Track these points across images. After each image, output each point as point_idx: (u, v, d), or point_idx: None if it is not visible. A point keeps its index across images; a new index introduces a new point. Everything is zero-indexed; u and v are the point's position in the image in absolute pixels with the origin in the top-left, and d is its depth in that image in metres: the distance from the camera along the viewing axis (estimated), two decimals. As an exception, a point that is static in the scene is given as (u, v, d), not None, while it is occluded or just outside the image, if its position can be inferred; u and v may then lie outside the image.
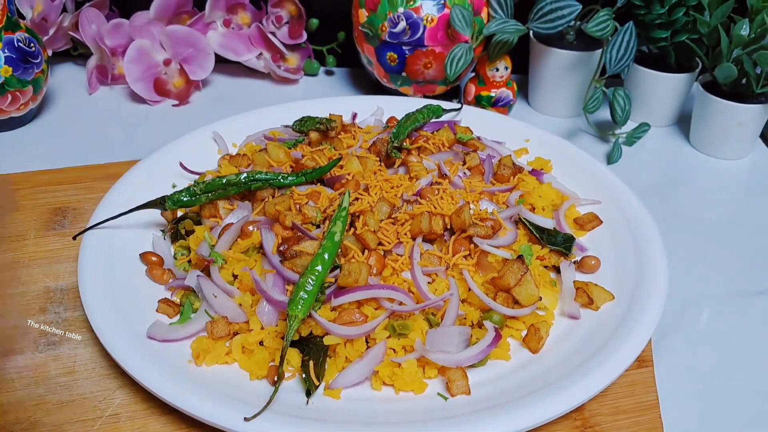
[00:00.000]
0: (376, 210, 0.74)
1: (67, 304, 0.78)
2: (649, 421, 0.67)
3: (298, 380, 0.67)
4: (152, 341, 0.69)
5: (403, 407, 0.65)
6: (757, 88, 1.03)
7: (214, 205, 0.80)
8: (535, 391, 0.64)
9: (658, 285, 0.74)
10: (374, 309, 0.69)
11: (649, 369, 0.72)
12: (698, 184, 1.06)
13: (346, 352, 0.67)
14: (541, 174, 0.91)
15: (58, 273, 0.82)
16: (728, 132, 1.08)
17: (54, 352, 0.72)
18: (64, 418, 0.65)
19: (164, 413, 0.66)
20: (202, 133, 0.99)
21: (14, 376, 0.70)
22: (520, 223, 0.80)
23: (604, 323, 0.72)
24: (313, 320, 0.67)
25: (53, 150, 1.07)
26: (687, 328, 0.79)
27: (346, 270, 0.68)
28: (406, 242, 0.73)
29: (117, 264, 0.77)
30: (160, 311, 0.73)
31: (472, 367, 0.68)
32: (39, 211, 0.92)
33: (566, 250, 0.79)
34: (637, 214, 0.85)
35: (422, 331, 0.69)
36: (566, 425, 0.66)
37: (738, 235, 0.95)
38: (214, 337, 0.69)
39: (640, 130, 1.13)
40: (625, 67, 1.09)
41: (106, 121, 1.16)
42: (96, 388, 0.69)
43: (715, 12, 1.02)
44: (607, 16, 1.04)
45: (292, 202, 0.77)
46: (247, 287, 0.72)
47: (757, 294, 0.85)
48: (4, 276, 0.81)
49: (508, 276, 0.71)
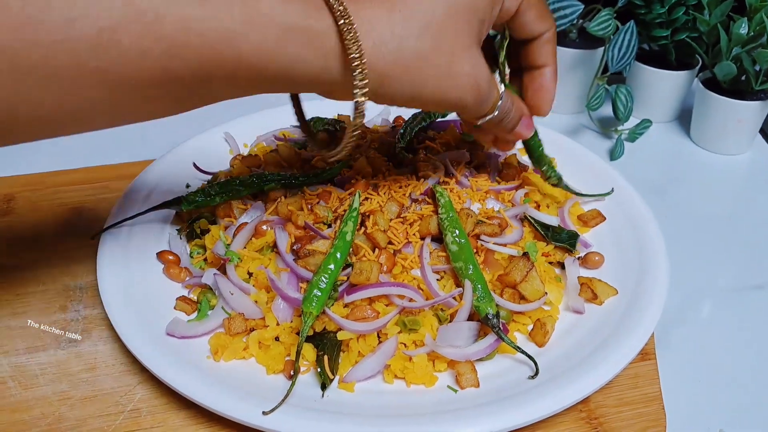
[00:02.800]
0: (386, 210, 0.76)
1: (87, 302, 0.80)
2: (653, 412, 0.69)
3: (313, 374, 0.69)
4: (171, 338, 0.71)
5: (414, 399, 0.67)
6: (756, 85, 1.05)
7: (229, 205, 0.82)
8: (542, 384, 0.66)
9: (660, 280, 0.76)
10: (385, 305, 0.71)
11: (652, 362, 0.74)
12: (699, 179, 1.08)
13: (359, 346, 0.69)
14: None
15: (77, 272, 0.84)
16: (728, 128, 1.10)
17: (75, 349, 0.74)
18: (87, 412, 0.68)
19: (184, 408, 0.68)
20: (214, 134, 1.02)
21: (38, 372, 0.72)
22: (525, 221, 0.82)
23: (608, 318, 0.74)
24: (327, 316, 0.69)
25: (68, 150, 1.09)
26: (689, 321, 0.82)
27: (358, 268, 0.71)
28: (415, 242, 0.75)
29: (134, 263, 0.79)
30: (178, 308, 0.75)
31: (480, 361, 0.70)
32: (56, 212, 0.94)
33: (571, 247, 0.81)
34: (640, 211, 0.87)
35: (432, 326, 0.71)
36: (572, 417, 0.68)
37: (738, 229, 0.97)
38: (231, 333, 0.71)
39: (642, 127, 1.15)
40: (627, 65, 1.10)
41: (118, 122, 1.18)
42: (117, 383, 0.71)
43: (714, 11, 1.04)
44: (609, 15, 1.06)
45: (303, 202, 0.79)
46: (262, 285, 0.74)
47: (757, 287, 0.87)
48: (24, 275, 0.83)
49: (514, 273, 0.73)
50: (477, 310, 0.70)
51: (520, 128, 0.75)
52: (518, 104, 0.74)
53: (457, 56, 0.61)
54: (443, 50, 0.60)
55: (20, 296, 0.81)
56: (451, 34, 0.60)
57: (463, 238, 0.73)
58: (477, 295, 0.70)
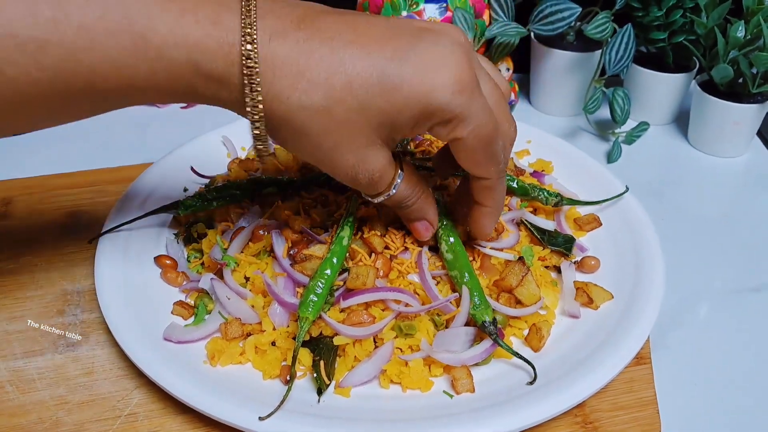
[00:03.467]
0: (383, 214, 0.77)
1: (84, 306, 0.80)
2: (648, 417, 0.69)
3: (309, 379, 0.69)
4: (168, 342, 0.71)
5: (410, 404, 0.67)
6: (753, 88, 1.05)
7: (226, 209, 0.83)
8: (537, 389, 0.66)
9: (656, 284, 0.76)
10: (381, 310, 0.71)
11: (647, 366, 0.74)
12: (696, 181, 1.08)
13: (355, 351, 0.70)
14: (543, 175, 0.93)
15: (75, 276, 0.84)
16: (725, 130, 1.10)
17: (73, 353, 0.75)
18: (84, 417, 0.68)
19: (181, 412, 0.68)
20: (212, 137, 1.02)
21: (36, 376, 0.72)
22: (521, 225, 0.83)
23: (603, 322, 0.74)
24: (323, 321, 0.69)
25: (65, 153, 1.10)
26: (685, 324, 0.82)
27: (354, 273, 0.71)
28: (413, 249, 0.75)
29: (132, 267, 0.79)
30: (175, 313, 0.76)
31: (476, 366, 0.70)
32: (54, 215, 0.94)
33: (567, 251, 0.81)
34: (636, 215, 0.87)
35: (428, 331, 0.71)
36: (567, 421, 0.68)
37: (735, 231, 0.97)
38: (228, 338, 0.71)
39: (639, 129, 1.15)
40: (624, 68, 1.11)
41: (116, 124, 1.18)
42: (114, 388, 0.71)
43: (711, 14, 1.04)
44: (606, 18, 1.06)
45: (300, 206, 0.79)
46: (259, 289, 0.74)
47: (754, 289, 0.87)
48: (22, 279, 0.83)
49: (510, 277, 0.73)
50: (473, 317, 0.70)
51: (417, 227, 0.72)
52: (423, 203, 0.70)
53: (343, 148, 0.60)
54: (330, 137, 0.59)
55: (18, 300, 0.81)
56: (344, 127, 0.58)
57: (458, 246, 0.74)
58: (473, 303, 0.70)
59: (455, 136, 0.60)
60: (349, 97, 0.57)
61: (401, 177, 0.66)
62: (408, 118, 0.58)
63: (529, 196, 0.85)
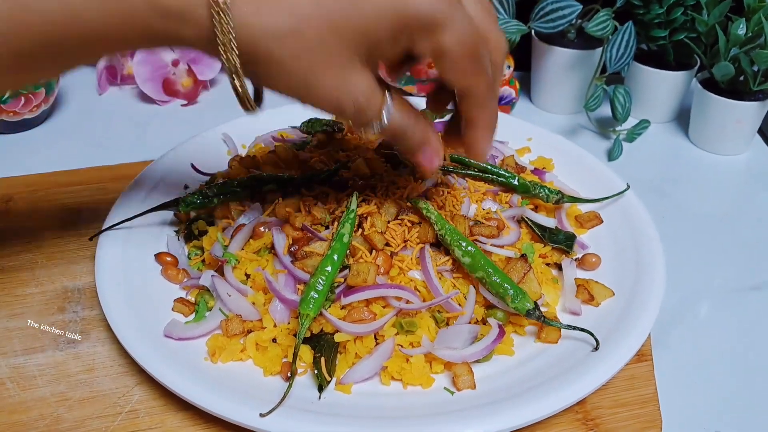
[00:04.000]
0: (383, 211, 0.76)
1: (85, 303, 0.80)
2: (649, 414, 0.69)
3: (310, 376, 0.69)
4: (169, 339, 0.71)
5: (411, 401, 0.67)
6: (754, 85, 1.05)
7: (227, 206, 0.83)
8: (539, 386, 0.66)
9: (657, 282, 0.76)
10: (382, 307, 0.71)
11: (648, 363, 0.74)
12: (697, 179, 1.08)
13: (356, 348, 0.70)
14: (543, 173, 0.93)
15: (75, 273, 0.84)
16: (726, 128, 1.10)
17: (74, 350, 0.75)
18: (85, 414, 0.68)
19: (181, 409, 0.68)
20: (212, 135, 1.02)
21: (36, 373, 0.72)
22: (522, 222, 0.83)
23: (604, 319, 0.74)
24: (324, 318, 0.69)
25: (65, 151, 1.10)
26: (685, 322, 0.82)
27: (355, 270, 0.71)
28: (415, 246, 0.75)
29: (132, 264, 0.79)
30: (175, 310, 0.76)
31: (477, 363, 0.70)
32: (55, 213, 0.94)
33: (568, 248, 0.81)
34: (637, 213, 0.87)
35: (429, 328, 0.71)
36: (568, 418, 0.68)
37: (736, 229, 0.97)
38: (228, 335, 0.71)
39: (640, 127, 1.15)
40: (625, 65, 1.11)
41: (116, 122, 1.18)
42: (115, 384, 0.71)
43: (712, 11, 1.04)
44: (607, 15, 1.06)
45: (301, 203, 0.79)
46: (259, 286, 0.74)
47: (755, 288, 0.87)
48: (23, 276, 0.83)
49: (512, 274, 0.73)
50: (516, 311, 0.70)
51: (421, 156, 0.66)
52: (423, 129, 0.65)
53: (319, 72, 0.56)
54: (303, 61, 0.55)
55: (18, 297, 0.81)
56: (318, 49, 0.54)
57: (471, 247, 0.73)
58: (510, 296, 0.70)
59: (438, 46, 0.56)
60: (317, 14, 0.53)
61: (390, 101, 0.61)
62: (384, 30, 0.55)
63: (530, 193, 0.85)
